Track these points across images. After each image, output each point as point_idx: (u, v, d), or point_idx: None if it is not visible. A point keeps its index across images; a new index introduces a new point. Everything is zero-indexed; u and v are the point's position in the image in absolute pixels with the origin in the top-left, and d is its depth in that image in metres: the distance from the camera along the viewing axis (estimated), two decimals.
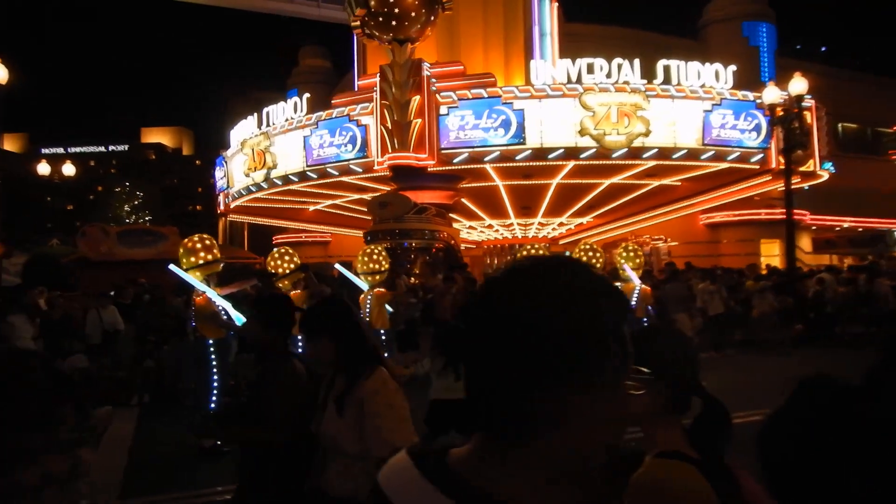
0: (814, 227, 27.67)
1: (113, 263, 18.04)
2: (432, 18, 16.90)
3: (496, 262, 23.82)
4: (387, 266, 8.95)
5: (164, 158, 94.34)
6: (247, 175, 20.66)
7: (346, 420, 2.45)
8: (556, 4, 21.12)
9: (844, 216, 27.87)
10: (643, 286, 9.25)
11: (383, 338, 8.39)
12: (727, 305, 14.29)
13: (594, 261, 8.86)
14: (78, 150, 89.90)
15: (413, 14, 16.45)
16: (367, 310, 8.50)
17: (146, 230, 23.24)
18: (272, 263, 8.67)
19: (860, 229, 28.07)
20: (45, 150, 78.68)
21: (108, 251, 19.30)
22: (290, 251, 8.89)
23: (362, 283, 8.85)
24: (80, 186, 70.92)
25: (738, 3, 26.89)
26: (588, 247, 9.32)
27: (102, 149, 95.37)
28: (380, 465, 0.87)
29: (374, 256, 8.81)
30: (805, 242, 26.43)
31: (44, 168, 24.20)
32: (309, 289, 8.66)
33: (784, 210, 16.33)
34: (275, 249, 8.99)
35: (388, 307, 8.89)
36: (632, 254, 9.42)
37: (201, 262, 7.02)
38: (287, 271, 8.64)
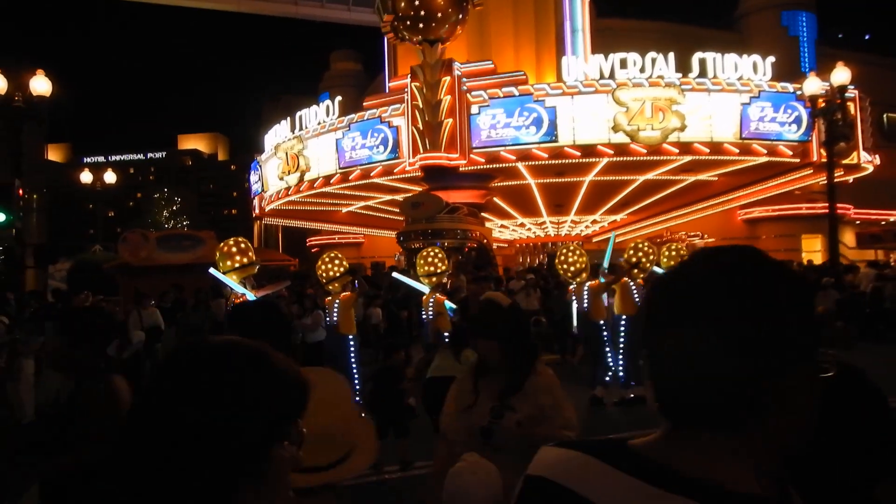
0: (857, 222, 26.78)
1: (153, 268, 18.45)
2: (462, 17, 16.88)
3: (528, 260, 23.65)
4: (444, 267, 9.04)
5: (201, 164, 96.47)
6: (281, 178, 20.95)
7: (510, 417, 2.47)
8: (588, 0, 20.88)
9: (891, 210, 26.90)
10: None
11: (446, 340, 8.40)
12: None
13: (646, 259, 8.84)
14: (118, 158, 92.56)
15: (442, 14, 16.46)
16: (430, 313, 8.57)
17: (184, 235, 23.69)
18: (322, 267, 8.85)
19: None
20: (87, 159, 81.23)
21: (147, 256, 19.71)
22: (340, 255, 9.03)
23: (423, 287, 8.96)
24: (120, 194, 73.02)
25: None
26: (640, 245, 9.19)
27: (141, 156, 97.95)
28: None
29: (431, 259, 8.89)
30: (848, 237, 25.58)
31: (86, 176, 24.97)
32: (358, 290, 8.76)
33: (826, 204, 15.84)
34: (325, 254, 9.22)
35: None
36: (673, 253, 9.36)
37: (237, 265, 7.15)
38: (337, 275, 8.76)
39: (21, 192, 12.05)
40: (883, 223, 27.27)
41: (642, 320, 0.87)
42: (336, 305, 8.34)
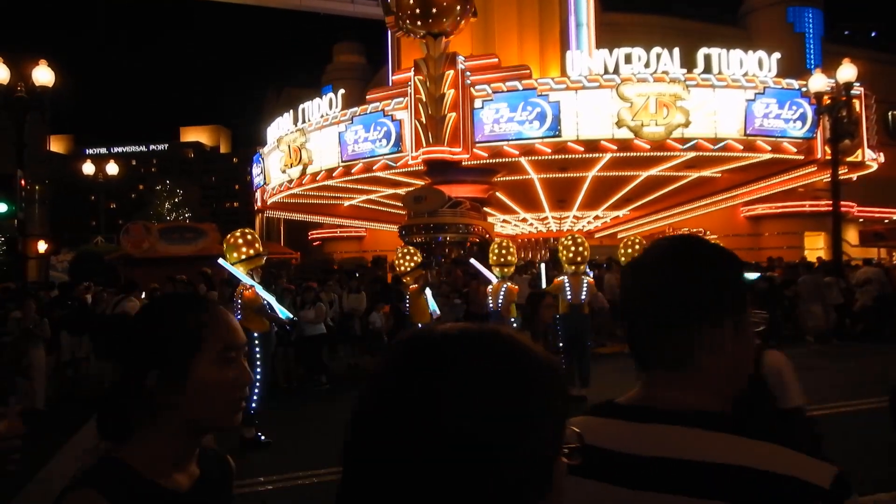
0: (861, 220, 26.69)
1: (155, 260, 18.46)
2: (467, 10, 16.80)
3: (530, 255, 23.62)
4: (515, 259, 9.47)
5: (203, 156, 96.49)
6: (283, 171, 20.92)
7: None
8: None
9: (894, 208, 26.82)
10: None
11: (514, 326, 8.59)
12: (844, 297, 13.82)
13: (508, 254, 9.21)
14: (120, 149, 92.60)
15: (446, 7, 16.37)
16: (500, 301, 8.93)
17: (187, 227, 23.69)
18: (397, 262, 9.50)
19: None
20: (89, 151, 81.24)
21: (150, 248, 19.73)
22: (413, 250, 9.59)
23: (492, 276, 9.35)
24: (122, 185, 72.98)
25: None
26: (632, 240, 9.57)
27: (143, 148, 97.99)
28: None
29: (503, 252, 9.21)
30: (852, 235, 25.50)
31: (88, 168, 24.94)
32: (419, 283, 9.13)
33: (830, 202, 15.77)
34: (399, 248, 9.89)
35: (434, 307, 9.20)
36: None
37: (244, 256, 7.15)
38: (409, 268, 9.33)
39: (23, 182, 12.02)
40: (886, 221, 27.19)
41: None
42: (502, 292, 8.94)
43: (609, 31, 21.21)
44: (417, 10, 16.31)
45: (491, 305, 9.10)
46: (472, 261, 10.97)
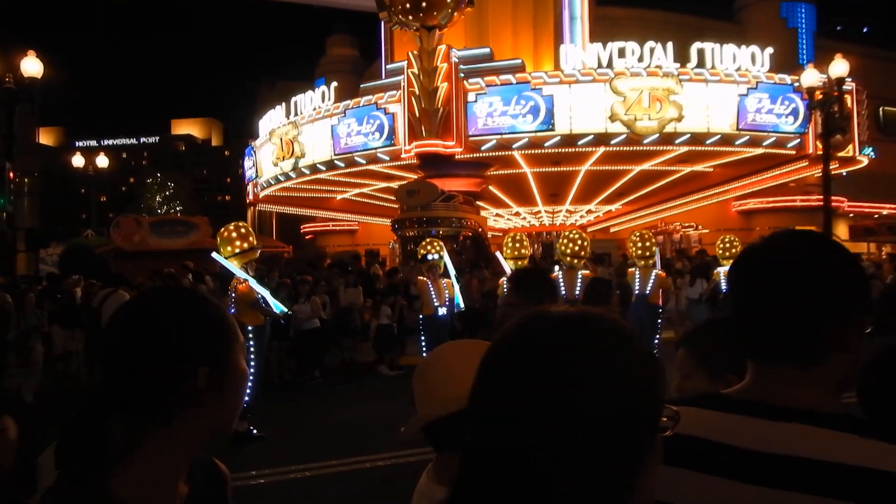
0: (851, 215, 26.88)
1: (146, 253, 18.36)
2: (461, 2, 16.72)
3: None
4: (528, 252, 9.81)
5: (194, 149, 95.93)
6: (275, 164, 20.82)
7: None
8: None
9: (884, 203, 27.01)
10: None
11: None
12: None
13: (643, 248, 9.23)
14: (111, 142, 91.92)
15: (440, 1, 16.28)
16: None
17: (178, 220, 23.61)
18: (422, 250, 9.93)
19: None
20: (79, 143, 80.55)
21: (141, 241, 19.64)
22: (438, 241, 10.07)
23: (508, 267, 9.75)
24: (113, 178, 72.45)
25: None
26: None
27: (134, 141, 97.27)
28: None
29: (516, 245, 9.65)
30: (842, 230, 25.66)
31: (78, 160, 24.72)
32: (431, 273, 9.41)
33: (821, 197, 15.85)
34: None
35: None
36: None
37: (237, 250, 7.11)
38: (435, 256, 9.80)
39: (12, 175, 11.91)
40: (876, 216, 27.40)
41: None
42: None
43: (603, 24, 21.17)
44: (412, 3, 16.22)
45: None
46: (497, 254, 11.18)
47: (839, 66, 14.88)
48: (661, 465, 0.76)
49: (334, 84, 19.36)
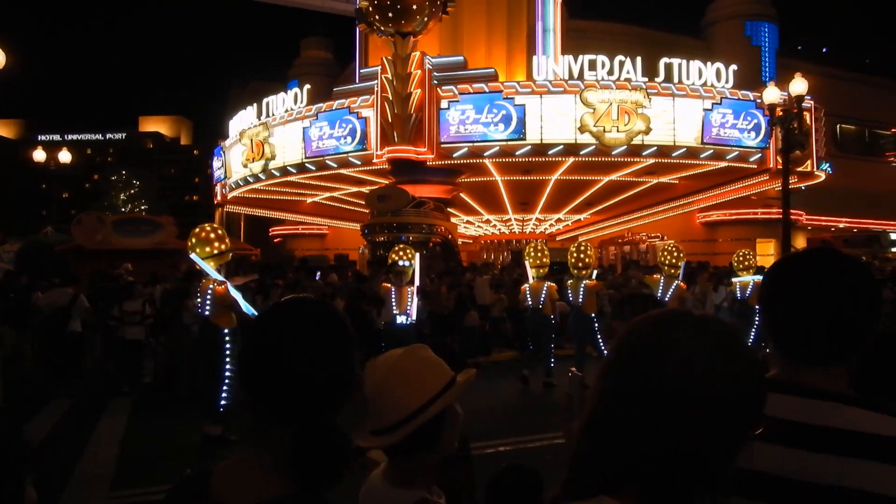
0: (809, 227, 27.76)
1: (108, 252, 17.96)
2: (436, 10, 16.84)
3: (492, 256, 23.83)
4: (548, 261, 10.29)
5: (162, 148, 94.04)
6: (245, 166, 20.60)
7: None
8: (560, 0, 21.06)
9: (840, 217, 27.97)
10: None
11: (553, 322, 10.04)
12: None
13: (585, 257, 9.73)
14: (75, 137, 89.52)
15: (416, 7, 16.39)
16: (542, 298, 9.83)
17: (143, 219, 23.11)
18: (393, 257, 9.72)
19: (855, 230, 28.17)
20: (41, 137, 78.31)
21: (103, 240, 19.20)
22: (411, 248, 9.86)
23: (530, 275, 10.16)
24: (76, 174, 70.61)
25: (741, 2, 26.87)
26: (580, 244, 10.23)
27: (100, 137, 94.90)
28: None
29: (538, 253, 10.14)
30: (800, 242, 26.51)
31: (39, 155, 24.05)
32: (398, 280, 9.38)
33: (780, 210, 16.36)
34: (530, 246, 10.52)
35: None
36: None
37: (216, 251, 7.08)
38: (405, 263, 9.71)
39: None
40: (832, 229, 28.36)
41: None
42: (544, 291, 9.85)
43: (574, 37, 21.55)
44: (387, 9, 16.26)
45: (531, 303, 9.94)
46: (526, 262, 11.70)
47: (799, 85, 15.39)
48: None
49: (307, 86, 19.26)
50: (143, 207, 58.60)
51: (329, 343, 1.10)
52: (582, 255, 9.61)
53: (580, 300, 9.51)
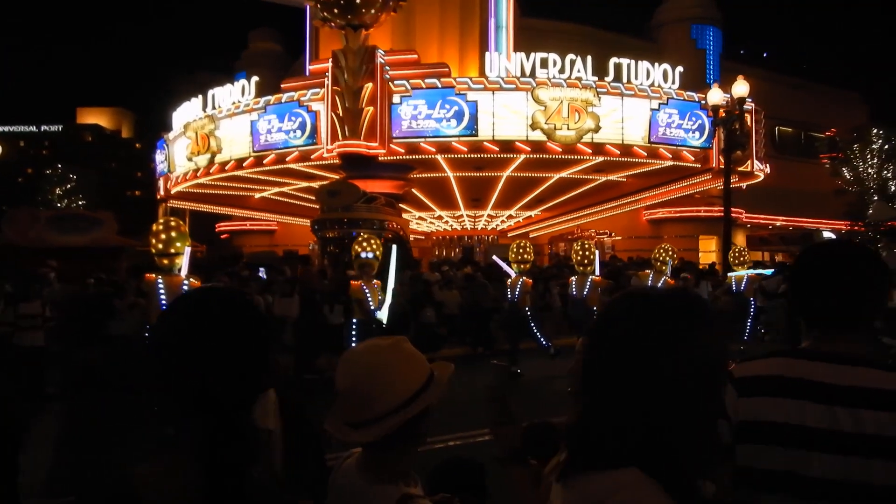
0: (749, 225, 28.83)
1: (42, 250, 17.08)
2: (389, 4, 16.65)
3: (445, 253, 23.81)
4: (531, 257, 10.78)
5: (102, 141, 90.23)
6: (189, 159, 19.94)
7: None
8: None
9: (777, 215, 29.16)
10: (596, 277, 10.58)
11: (529, 314, 10.41)
12: None
13: (590, 254, 10.40)
14: (7, 129, 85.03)
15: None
16: (517, 293, 10.33)
17: (80, 215, 22.09)
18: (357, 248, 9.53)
19: (791, 228, 29.44)
20: None
21: (37, 237, 18.26)
22: (376, 239, 9.64)
23: (511, 270, 10.62)
24: (8, 168, 67.03)
25: (687, 6, 27.63)
26: (584, 244, 10.83)
27: (34, 129, 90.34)
28: None
29: (520, 251, 10.53)
30: (740, 239, 27.50)
31: None
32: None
33: (722, 208, 16.90)
34: (515, 243, 10.80)
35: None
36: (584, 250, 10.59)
37: (188, 245, 7.21)
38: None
39: None
40: (770, 227, 29.58)
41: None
42: (519, 285, 10.34)
43: (527, 35, 21.69)
44: (336, 2, 15.97)
45: (509, 296, 10.48)
46: (495, 258, 12.19)
47: (741, 87, 15.93)
48: (770, 396, 1.39)
49: (255, 78, 18.76)
50: (80, 203, 56.02)
51: (239, 332, 1.06)
52: (587, 253, 10.35)
53: (584, 294, 10.18)
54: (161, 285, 6.90)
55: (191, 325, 1.06)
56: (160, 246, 7.09)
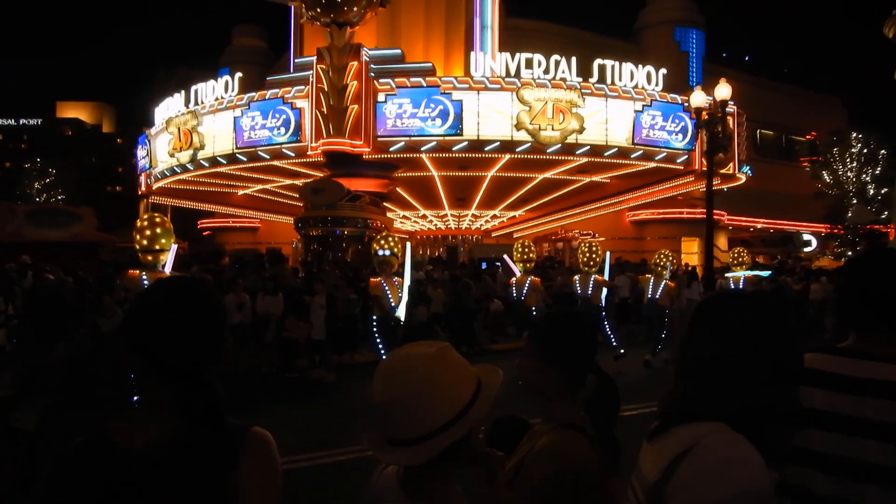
0: (730, 227, 29.16)
1: (21, 245, 16.80)
2: (373, 1, 16.59)
3: (429, 252, 23.79)
4: (535, 256, 11.13)
5: (82, 135, 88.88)
6: (171, 155, 19.72)
7: None
8: None
9: (758, 217, 29.53)
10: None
11: (534, 313, 10.43)
12: None
13: (595, 256, 10.75)
14: None
15: None
16: (525, 291, 10.59)
17: (59, 210, 21.77)
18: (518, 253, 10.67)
19: (772, 230, 29.84)
20: None
21: (14, 232, 17.98)
22: (394, 237, 9.70)
23: (517, 269, 10.89)
24: None
25: (670, 8, 27.88)
26: (591, 245, 11.13)
27: (12, 122, 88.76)
28: None
29: (525, 249, 10.84)
30: (722, 241, 27.82)
31: None
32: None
33: (704, 210, 17.07)
34: (518, 243, 11.13)
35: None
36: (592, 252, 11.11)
37: (174, 242, 7.23)
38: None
39: None
40: (751, 229, 29.94)
41: None
42: (526, 284, 10.60)
43: (512, 35, 21.75)
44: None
45: (515, 295, 10.80)
46: (504, 257, 12.34)
47: (723, 90, 16.08)
48: (815, 388, 1.54)
49: (238, 74, 18.60)
50: (59, 198, 55.14)
51: (201, 313, 1.24)
52: (593, 255, 10.79)
53: (589, 292, 10.59)
54: (146, 282, 6.84)
55: (165, 303, 1.25)
56: (144, 242, 7.03)
